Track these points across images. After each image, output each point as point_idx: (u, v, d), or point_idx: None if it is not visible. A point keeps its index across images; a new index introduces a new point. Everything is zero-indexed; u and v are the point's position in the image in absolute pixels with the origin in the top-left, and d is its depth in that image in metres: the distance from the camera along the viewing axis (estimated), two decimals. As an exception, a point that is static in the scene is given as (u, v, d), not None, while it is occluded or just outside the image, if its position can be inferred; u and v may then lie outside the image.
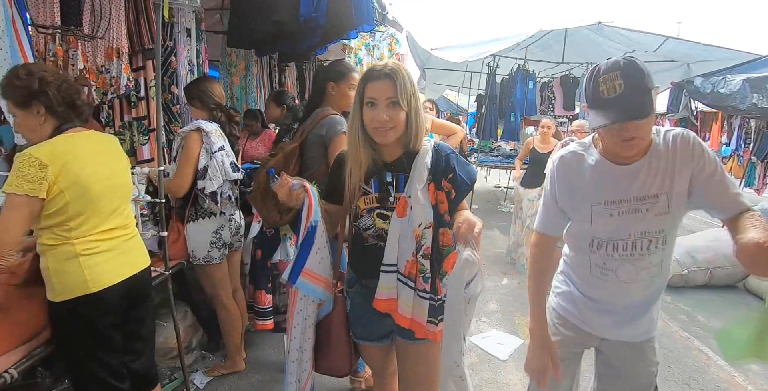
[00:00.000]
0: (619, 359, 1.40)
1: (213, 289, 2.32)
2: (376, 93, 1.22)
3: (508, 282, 4.19)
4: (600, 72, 1.12)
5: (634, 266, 1.26)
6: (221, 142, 2.19)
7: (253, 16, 2.34)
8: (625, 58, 1.14)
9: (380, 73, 1.23)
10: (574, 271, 1.39)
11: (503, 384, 2.55)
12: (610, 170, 1.23)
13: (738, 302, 3.89)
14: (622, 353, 1.38)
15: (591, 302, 1.36)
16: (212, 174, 2.12)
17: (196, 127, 2.12)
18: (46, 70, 1.42)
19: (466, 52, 5.57)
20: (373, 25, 2.76)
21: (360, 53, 4.91)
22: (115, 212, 1.53)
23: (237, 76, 3.58)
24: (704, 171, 1.16)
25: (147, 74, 2.53)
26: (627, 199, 1.22)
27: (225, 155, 2.19)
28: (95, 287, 1.42)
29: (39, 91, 1.38)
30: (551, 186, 1.33)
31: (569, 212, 1.32)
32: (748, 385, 2.65)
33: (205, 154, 2.12)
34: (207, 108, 2.23)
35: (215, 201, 2.15)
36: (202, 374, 2.46)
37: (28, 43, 1.73)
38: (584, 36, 5.60)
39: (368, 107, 1.24)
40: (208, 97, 2.21)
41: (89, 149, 1.46)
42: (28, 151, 1.32)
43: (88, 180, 1.41)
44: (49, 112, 1.41)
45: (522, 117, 6.56)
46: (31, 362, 1.42)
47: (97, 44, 2.05)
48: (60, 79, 1.43)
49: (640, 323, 1.34)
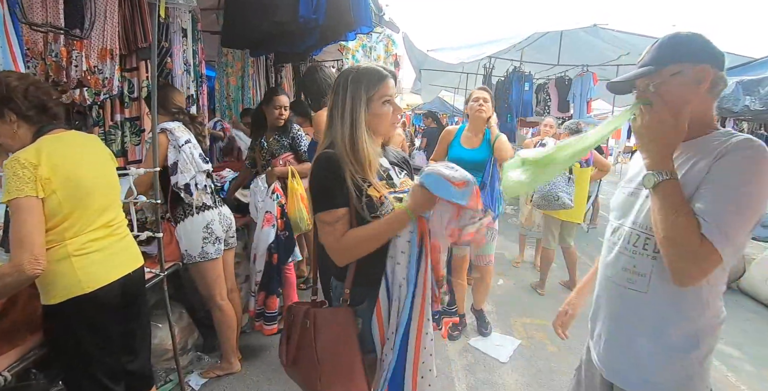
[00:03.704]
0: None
1: (207, 289, 2.31)
2: (392, 91, 1.30)
3: (503, 283, 4.20)
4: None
5: (619, 259, 1.14)
6: (186, 136, 2.24)
7: (250, 16, 2.34)
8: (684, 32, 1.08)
9: (388, 72, 1.30)
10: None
11: (499, 385, 2.56)
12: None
13: (732, 303, 3.91)
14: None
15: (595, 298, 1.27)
16: (183, 167, 2.17)
17: (160, 130, 2.14)
18: (10, 77, 1.40)
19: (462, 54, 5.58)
20: (372, 27, 2.77)
21: (357, 54, 4.92)
22: (106, 210, 1.53)
23: (234, 76, 3.58)
24: (715, 177, 0.97)
25: (140, 75, 2.52)
26: (638, 180, 1.14)
27: (192, 147, 2.24)
28: (89, 287, 1.42)
29: (5, 98, 1.36)
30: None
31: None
32: (741, 385, 2.66)
33: (173, 149, 2.16)
34: (169, 113, 2.27)
35: (189, 193, 2.18)
36: (197, 375, 2.45)
37: (17, 42, 1.71)
38: (579, 38, 5.63)
39: (385, 104, 1.29)
40: (169, 103, 2.25)
41: (75, 149, 1.46)
42: (15, 156, 1.31)
43: (78, 178, 1.41)
44: (20, 118, 1.40)
45: (518, 118, 6.59)
46: (25, 364, 1.41)
47: (91, 45, 2.04)
48: (26, 83, 1.40)
49: (624, 356, 1.14)
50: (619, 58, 5.92)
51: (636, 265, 1.10)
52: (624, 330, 1.15)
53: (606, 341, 1.19)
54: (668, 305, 1.06)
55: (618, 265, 1.14)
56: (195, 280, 2.34)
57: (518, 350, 2.95)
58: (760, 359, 3.01)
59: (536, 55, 6.31)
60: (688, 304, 1.04)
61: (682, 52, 1.04)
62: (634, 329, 1.12)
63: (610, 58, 5.99)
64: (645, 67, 1.08)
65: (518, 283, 4.21)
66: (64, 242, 1.39)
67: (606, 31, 5.13)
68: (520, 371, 2.71)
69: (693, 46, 1.04)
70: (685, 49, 1.04)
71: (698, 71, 1.02)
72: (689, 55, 1.03)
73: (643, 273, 1.08)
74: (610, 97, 6.97)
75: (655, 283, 1.06)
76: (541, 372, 2.70)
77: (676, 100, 1.03)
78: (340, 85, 1.29)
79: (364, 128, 1.26)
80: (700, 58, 1.03)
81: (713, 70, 1.02)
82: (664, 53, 1.05)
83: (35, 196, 1.29)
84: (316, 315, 1.28)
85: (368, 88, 1.26)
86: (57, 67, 1.93)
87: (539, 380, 2.61)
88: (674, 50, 1.05)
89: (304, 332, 1.29)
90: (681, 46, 1.05)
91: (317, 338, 1.26)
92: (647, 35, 5.07)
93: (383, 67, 1.31)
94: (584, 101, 6.30)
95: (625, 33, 5.09)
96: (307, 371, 1.28)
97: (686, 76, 1.03)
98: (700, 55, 1.03)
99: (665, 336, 1.07)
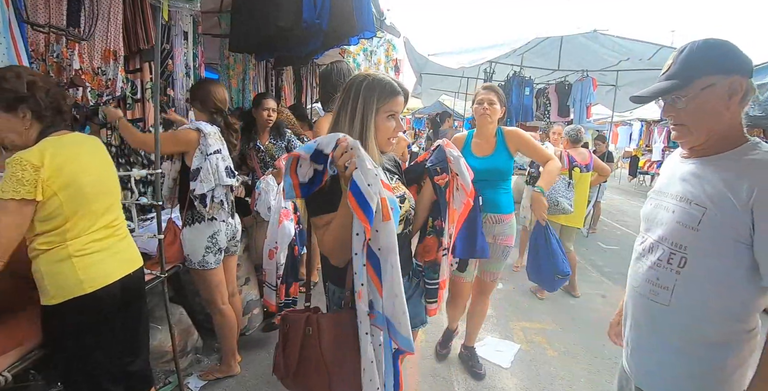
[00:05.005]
0: None
1: (209, 293, 2.30)
2: (400, 107, 1.33)
3: (503, 287, 4.20)
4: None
5: (644, 270, 1.14)
6: (218, 146, 2.18)
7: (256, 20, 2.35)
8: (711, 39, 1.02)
9: (402, 89, 1.32)
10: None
11: (498, 389, 2.55)
12: (673, 159, 1.20)
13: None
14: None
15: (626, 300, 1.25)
16: (204, 176, 2.10)
17: (194, 127, 2.11)
18: (34, 75, 1.41)
19: (462, 58, 5.59)
20: (374, 32, 2.78)
21: (358, 58, 4.94)
22: (107, 211, 1.53)
23: (234, 78, 3.59)
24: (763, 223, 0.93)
25: (144, 76, 2.53)
26: (667, 192, 1.13)
27: (220, 159, 2.18)
28: (90, 287, 1.42)
29: (27, 96, 1.37)
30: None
31: None
32: None
33: (199, 155, 2.11)
34: (207, 111, 2.23)
35: (204, 204, 2.13)
36: (196, 377, 2.44)
37: (23, 43, 1.72)
38: (580, 43, 5.65)
39: (389, 118, 1.31)
40: (210, 100, 2.21)
41: (78, 150, 1.47)
42: (19, 155, 1.31)
43: (80, 180, 1.41)
44: (35, 117, 1.40)
45: (517, 123, 6.61)
46: (25, 365, 1.40)
47: (94, 46, 2.04)
48: (49, 84, 1.42)
49: (649, 364, 1.15)
50: (619, 64, 5.95)
51: (659, 277, 1.09)
52: (648, 339, 1.15)
53: (632, 348, 1.20)
54: (691, 318, 1.05)
55: (642, 276, 1.14)
56: (196, 284, 2.34)
57: (518, 354, 2.94)
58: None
59: (536, 60, 6.34)
60: (713, 318, 1.02)
61: (713, 63, 0.99)
62: (658, 339, 1.11)
63: (610, 63, 6.03)
64: (671, 80, 1.03)
65: (518, 287, 4.21)
66: (65, 243, 1.39)
67: (606, 36, 5.16)
68: (520, 375, 2.70)
69: (723, 57, 0.99)
70: (715, 60, 0.99)
71: (731, 83, 0.98)
72: (720, 67, 0.98)
73: (666, 286, 1.07)
74: (610, 102, 7.00)
75: (678, 297, 1.05)
76: (541, 376, 2.69)
77: (704, 114, 1.00)
78: (353, 88, 1.28)
79: (373, 135, 1.27)
80: (732, 68, 0.98)
81: (745, 80, 0.98)
82: (693, 65, 1.01)
83: (32, 199, 1.29)
84: (319, 321, 1.25)
85: (379, 99, 1.27)
86: (58, 67, 1.93)
87: (539, 385, 2.60)
88: (704, 62, 1.00)
89: (306, 340, 1.25)
90: (711, 56, 1.00)
91: (322, 345, 1.23)
92: (647, 41, 5.11)
93: (398, 83, 1.32)
94: (584, 106, 6.33)
95: (625, 39, 5.13)
96: (316, 381, 1.24)
97: (719, 88, 0.98)
98: (731, 65, 0.98)
99: (687, 347, 1.06)
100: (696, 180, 1.04)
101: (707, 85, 0.99)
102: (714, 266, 1.00)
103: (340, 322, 1.25)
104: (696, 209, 1.01)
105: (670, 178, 1.14)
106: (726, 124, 1.02)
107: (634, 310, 1.19)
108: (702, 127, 1.03)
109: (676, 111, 1.05)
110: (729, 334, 1.02)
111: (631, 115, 10.97)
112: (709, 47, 1.00)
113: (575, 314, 3.64)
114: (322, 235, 1.23)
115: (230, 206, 2.32)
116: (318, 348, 1.23)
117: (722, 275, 1.00)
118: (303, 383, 1.28)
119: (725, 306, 1.01)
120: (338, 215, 1.17)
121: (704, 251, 1.01)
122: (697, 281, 1.03)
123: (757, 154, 0.98)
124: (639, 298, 1.16)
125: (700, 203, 1.01)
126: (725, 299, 1.01)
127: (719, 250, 0.98)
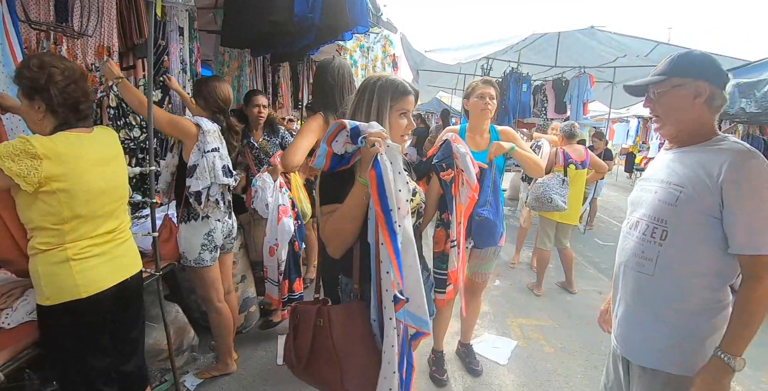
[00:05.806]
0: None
1: (205, 291, 2.29)
2: (411, 106, 1.38)
3: (500, 284, 4.21)
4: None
5: (631, 246, 1.30)
6: (216, 144, 2.16)
7: (248, 15, 2.33)
8: (686, 51, 1.27)
9: (412, 89, 1.37)
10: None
11: (496, 385, 2.55)
12: (659, 153, 1.39)
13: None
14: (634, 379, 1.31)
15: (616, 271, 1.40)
16: (200, 173, 2.09)
17: (195, 122, 2.10)
18: (57, 68, 1.36)
19: (459, 55, 5.57)
20: (368, 27, 2.77)
21: (355, 54, 4.92)
22: (112, 217, 1.51)
23: (229, 75, 3.56)
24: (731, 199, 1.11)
25: (137, 73, 2.51)
26: (651, 178, 1.31)
27: (218, 158, 2.15)
28: (86, 292, 1.40)
29: (42, 88, 1.34)
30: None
31: None
32: (737, 385, 2.67)
33: (196, 151, 2.09)
34: (209, 109, 2.22)
35: (198, 201, 2.11)
36: (193, 375, 2.44)
37: (17, 40, 1.70)
38: (577, 40, 5.65)
39: (402, 116, 1.37)
40: (213, 98, 2.20)
41: (89, 151, 1.42)
42: (30, 137, 1.29)
43: (87, 184, 1.38)
44: (49, 110, 1.38)
45: (515, 119, 6.60)
46: (18, 364, 1.39)
47: (88, 42, 2.02)
48: (69, 80, 1.38)
49: (635, 333, 1.29)
50: (616, 60, 5.95)
51: (644, 250, 1.25)
52: (635, 309, 1.30)
53: (620, 321, 1.34)
54: (672, 287, 1.21)
55: (629, 250, 1.30)
56: (192, 281, 2.33)
57: (515, 351, 2.95)
58: (753, 359, 3.02)
59: (534, 56, 6.33)
60: (693, 288, 1.19)
61: (688, 68, 1.21)
62: (643, 307, 1.27)
63: (606, 60, 6.02)
64: (656, 75, 1.26)
65: (515, 284, 4.22)
66: (64, 245, 1.37)
67: (603, 33, 5.15)
68: (517, 371, 2.71)
69: (698, 65, 1.21)
70: (690, 66, 1.21)
71: (697, 87, 1.19)
72: (692, 72, 1.20)
73: (650, 258, 1.24)
74: (607, 98, 7.00)
75: (661, 267, 1.22)
76: (538, 373, 2.70)
77: (672, 108, 1.23)
78: (368, 89, 1.35)
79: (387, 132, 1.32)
80: (701, 75, 1.19)
81: (711, 87, 1.19)
82: (674, 67, 1.23)
83: (11, 181, 1.24)
84: (330, 312, 1.27)
85: (392, 97, 1.34)
86: None
87: (536, 381, 2.61)
88: (682, 65, 1.22)
89: (318, 331, 1.28)
90: (688, 62, 1.22)
91: (333, 336, 1.25)
92: (643, 38, 5.10)
93: (409, 84, 1.38)
94: (581, 103, 6.33)
95: (622, 35, 5.12)
96: (327, 371, 1.27)
97: (685, 89, 1.20)
98: (702, 72, 1.20)
99: (669, 315, 1.22)
100: (675, 165, 1.24)
101: (678, 84, 1.21)
102: (691, 237, 1.18)
103: (351, 313, 1.27)
104: (674, 188, 1.20)
105: (655, 168, 1.34)
106: (694, 120, 1.23)
107: (624, 284, 1.33)
108: (671, 118, 1.25)
109: (653, 102, 1.28)
110: (705, 303, 1.18)
111: (627, 112, 10.99)
112: (694, 57, 1.23)
113: (572, 310, 3.66)
114: (325, 222, 1.28)
115: (227, 205, 2.29)
116: (329, 339, 1.26)
117: (698, 245, 1.17)
118: (314, 374, 1.31)
119: (702, 274, 1.17)
120: (342, 206, 1.23)
121: (682, 225, 1.18)
122: (677, 251, 1.20)
123: (725, 143, 1.18)
124: (627, 271, 1.31)
125: (678, 184, 1.19)
126: (702, 267, 1.18)
127: (694, 223, 1.16)
